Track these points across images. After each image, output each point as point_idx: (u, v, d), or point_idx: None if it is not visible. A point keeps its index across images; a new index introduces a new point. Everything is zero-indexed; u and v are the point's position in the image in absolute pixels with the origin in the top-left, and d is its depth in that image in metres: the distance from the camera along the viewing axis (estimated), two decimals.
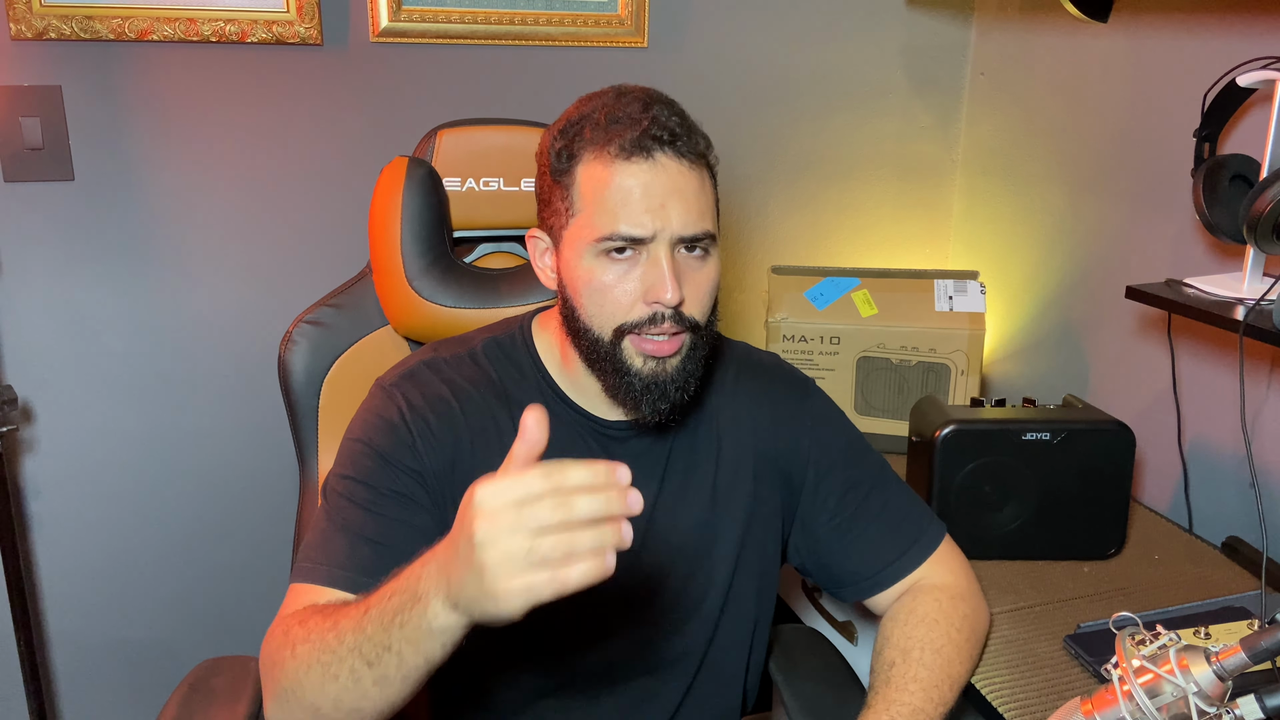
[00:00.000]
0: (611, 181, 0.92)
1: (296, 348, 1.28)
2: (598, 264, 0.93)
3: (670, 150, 0.92)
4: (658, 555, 1.04)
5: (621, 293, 0.93)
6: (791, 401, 1.12)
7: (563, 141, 0.95)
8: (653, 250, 0.92)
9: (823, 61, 1.84)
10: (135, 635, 1.72)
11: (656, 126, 0.91)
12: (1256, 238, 1.16)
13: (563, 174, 0.95)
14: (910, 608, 1.06)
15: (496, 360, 1.04)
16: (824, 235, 1.94)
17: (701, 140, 0.95)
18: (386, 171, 1.27)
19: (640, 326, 0.93)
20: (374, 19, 1.58)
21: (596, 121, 0.93)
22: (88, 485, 1.64)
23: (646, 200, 0.91)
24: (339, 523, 0.94)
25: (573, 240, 0.95)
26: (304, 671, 0.82)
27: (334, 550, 0.92)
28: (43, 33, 1.44)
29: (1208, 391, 1.44)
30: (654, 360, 0.95)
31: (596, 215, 0.92)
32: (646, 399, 0.96)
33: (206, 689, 1.05)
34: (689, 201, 0.92)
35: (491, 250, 1.40)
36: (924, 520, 1.12)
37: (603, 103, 0.95)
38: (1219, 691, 0.70)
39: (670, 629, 1.06)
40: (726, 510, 1.07)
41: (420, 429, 0.97)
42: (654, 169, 0.91)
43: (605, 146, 0.92)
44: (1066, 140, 1.69)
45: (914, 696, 0.97)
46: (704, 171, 0.95)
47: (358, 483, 0.96)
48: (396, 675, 0.77)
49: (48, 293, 1.55)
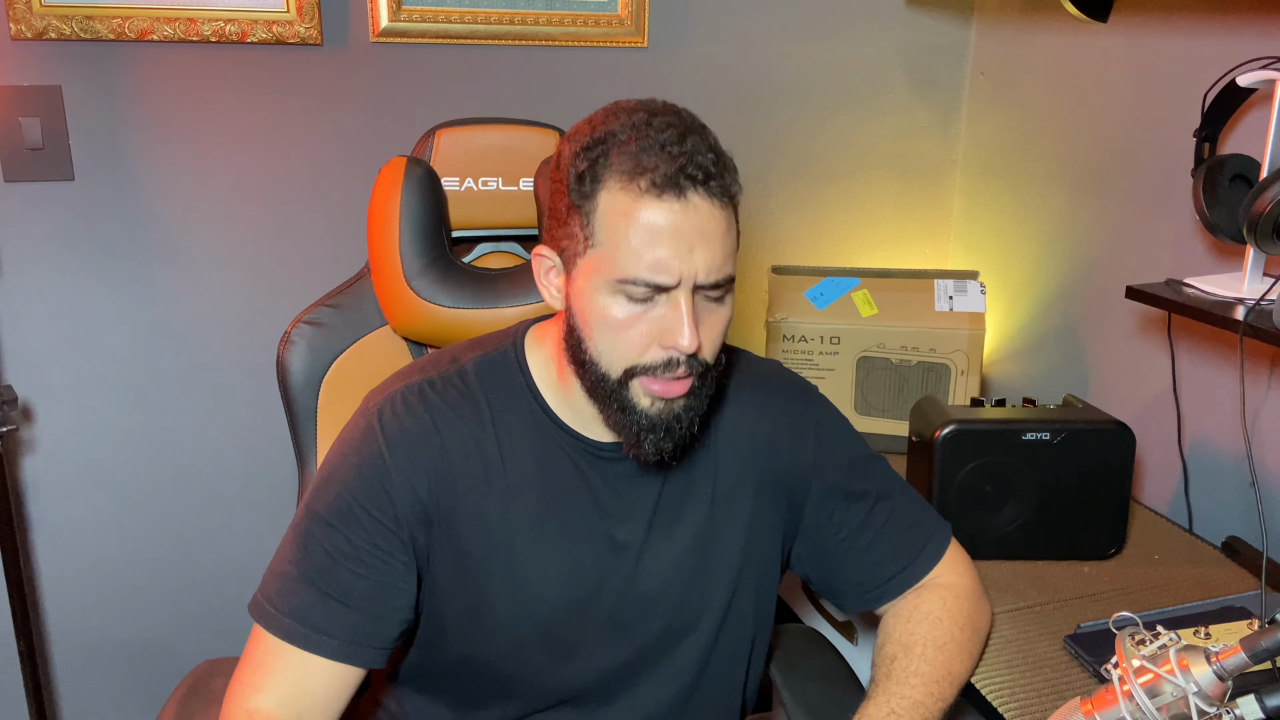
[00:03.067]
0: (639, 219, 0.85)
1: (295, 348, 1.28)
2: (614, 301, 0.88)
3: (703, 190, 0.86)
4: (653, 577, 1.01)
5: (637, 334, 0.88)
6: (794, 414, 1.08)
7: (586, 162, 0.88)
8: (674, 295, 0.87)
9: (823, 61, 1.84)
10: (135, 635, 1.72)
11: (693, 165, 0.85)
12: (1256, 238, 1.16)
13: (584, 198, 0.88)
14: (914, 604, 1.06)
15: (486, 380, 0.99)
16: (824, 235, 1.94)
17: (731, 176, 0.89)
18: (385, 171, 1.27)
19: (652, 370, 0.90)
20: (374, 19, 1.58)
21: (624, 146, 0.86)
22: (88, 485, 1.64)
23: (674, 244, 0.85)
24: (306, 569, 0.94)
25: (589, 271, 0.89)
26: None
27: (298, 603, 0.93)
28: (43, 33, 1.44)
29: (1208, 391, 1.44)
30: (662, 401, 0.91)
31: (620, 253, 0.86)
32: (650, 438, 0.92)
33: (205, 690, 1.05)
34: (715, 246, 0.87)
35: (490, 250, 1.40)
36: (929, 527, 1.11)
37: (632, 123, 0.88)
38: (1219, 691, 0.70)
39: (664, 651, 1.04)
40: (724, 529, 1.04)
41: (400, 465, 0.94)
42: (685, 210, 0.85)
43: (635, 179, 0.85)
44: (1066, 140, 1.69)
45: (914, 690, 0.97)
46: (732, 211, 0.90)
47: (331, 528, 0.94)
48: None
49: (48, 293, 1.55)
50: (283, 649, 0.92)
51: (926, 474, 1.27)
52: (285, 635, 0.92)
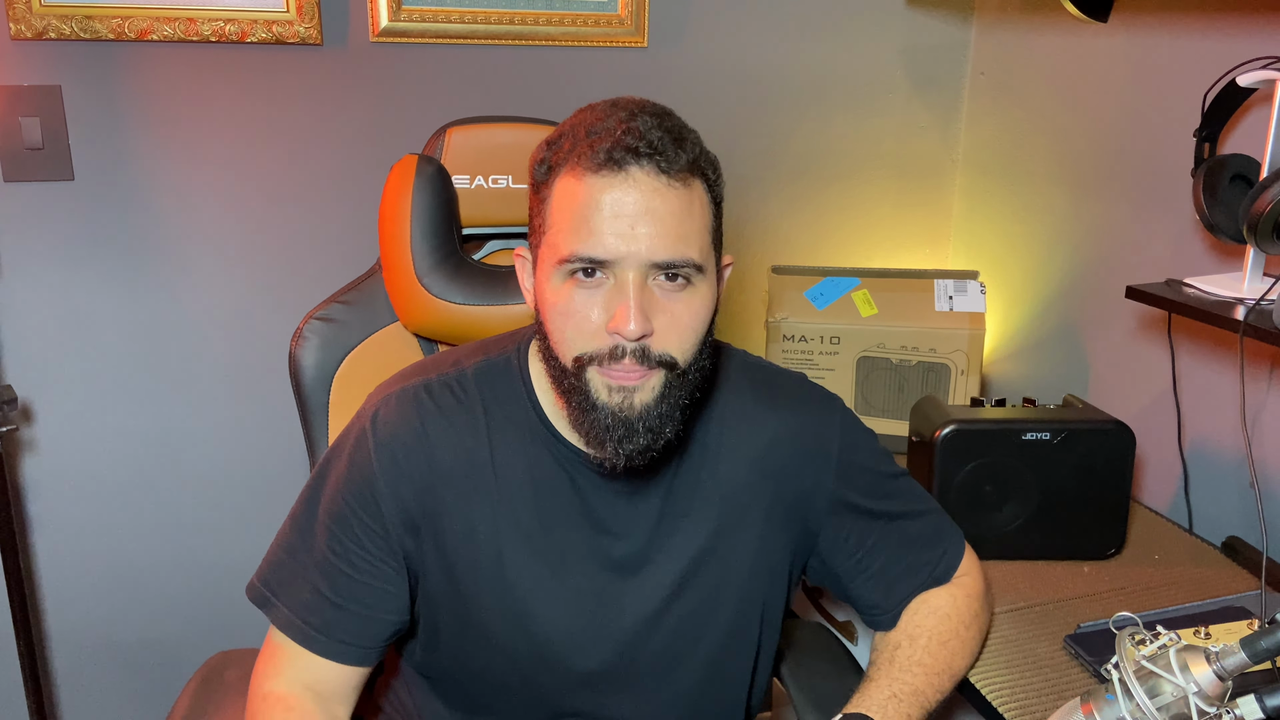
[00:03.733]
0: (579, 196, 0.84)
1: (307, 344, 1.28)
2: (564, 287, 0.86)
3: (647, 164, 0.82)
4: (652, 596, 0.98)
5: (583, 319, 0.85)
6: (815, 436, 1.03)
7: (545, 153, 0.89)
8: (619, 274, 0.84)
9: (823, 61, 1.83)
10: (135, 635, 1.72)
11: (633, 137, 0.82)
12: (1256, 238, 1.16)
13: (540, 187, 0.89)
14: (923, 598, 1.06)
15: (485, 388, 0.97)
16: (824, 235, 1.94)
17: (690, 155, 0.85)
18: (396, 169, 1.27)
19: (600, 358, 0.85)
20: (374, 19, 1.58)
21: (578, 134, 0.86)
22: (88, 485, 1.64)
23: (614, 220, 0.82)
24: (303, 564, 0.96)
25: (544, 260, 0.88)
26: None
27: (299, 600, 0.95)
28: (43, 33, 1.44)
29: (1208, 391, 1.44)
30: (619, 392, 0.85)
31: (562, 233, 0.85)
32: (610, 438, 0.86)
33: (219, 681, 1.06)
34: (665, 224, 0.83)
35: (500, 247, 1.40)
36: (945, 539, 1.09)
37: (592, 114, 0.87)
38: (1219, 691, 0.70)
39: (665, 671, 1.01)
40: (730, 550, 1.00)
41: (388, 473, 0.93)
42: (626, 183, 0.82)
43: (580, 160, 0.84)
44: (1066, 140, 1.69)
45: (916, 679, 0.98)
46: (691, 190, 0.85)
47: (325, 528, 0.95)
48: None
49: (48, 293, 1.55)
50: (284, 639, 0.96)
51: (926, 474, 1.27)
52: (282, 627, 0.96)
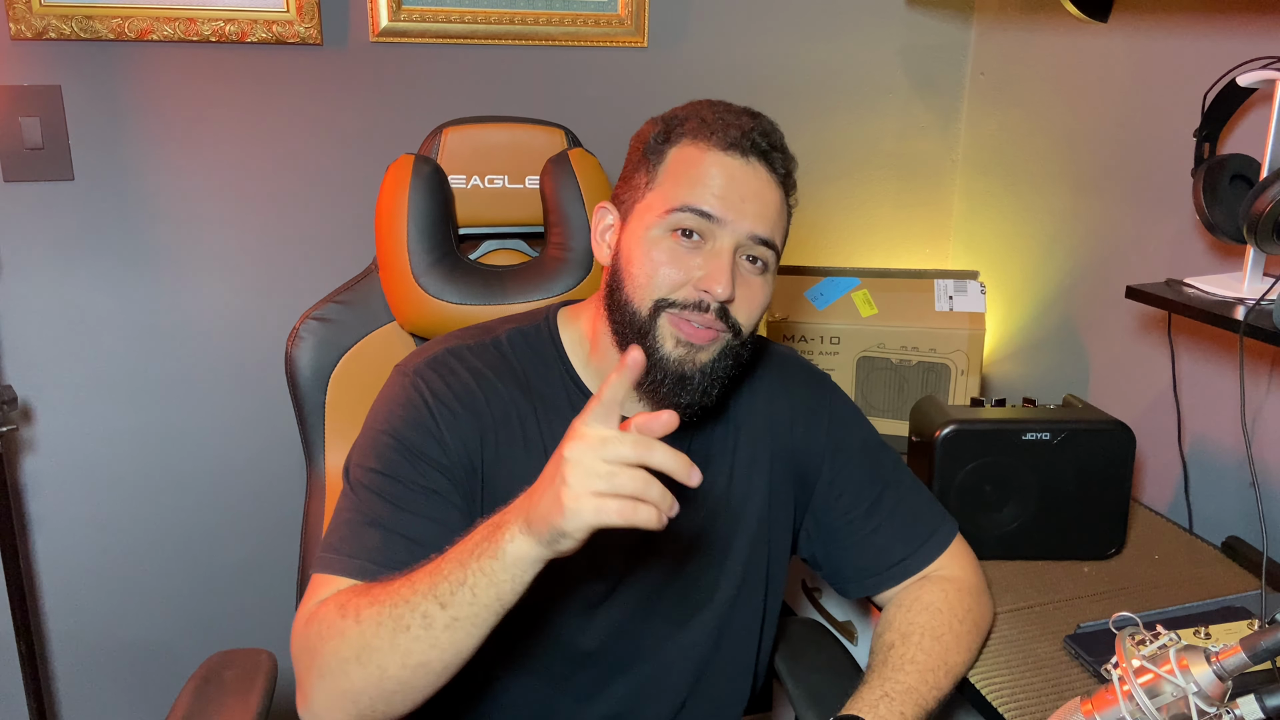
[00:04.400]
0: (702, 162, 0.95)
1: (303, 344, 1.28)
2: (661, 240, 0.95)
3: (765, 160, 0.96)
4: (671, 548, 1.04)
5: (675, 270, 0.95)
6: (809, 396, 1.13)
7: (664, 127, 0.99)
8: (719, 243, 0.95)
9: (823, 61, 1.83)
10: (135, 635, 1.72)
11: (759, 134, 0.96)
12: (1256, 238, 1.16)
13: (654, 152, 0.98)
14: (916, 595, 1.08)
15: (520, 351, 1.04)
16: (824, 235, 1.94)
17: (793, 165, 0.99)
18: (393, 169, 1.27)
19: (683, 307, 0.95)
20: (374, 19, 1.58)
21: (703, 117, 0.97)
22: (88, 485, 1.64)
23: (729, 189, 0.94)
24: (369, 517, 0.93)
25: (643, 213, 0.97)
26: (371, 631, 0.83)
27: (367, 544, 0.91)
28: (43, 33, 1.44)
29: (1208, 391, 1.44)
30: (685, 346, 0.95)
31: (679, 186, 0.95)
32: (667, 388, 0.96)
33: (218, 681, 1.06)
34: (767, 207, 0.96)
35: (497, 247, 1.40)
36: (936, 519, 1.13)
37: (712, 105, 1.00)
38: (1219, 691, 0.70)
39: (682, 620, 1.06)
40: (741, 505, 1.07)
41: (445, 418, 0.97)
42: (745, 167, 0.95)
43: (706, 137, 0.96)
44: (1066, 140, 1.69)
45: (909, 677, 0.99)
46: (784, 196, 0.99)
47: (386, 477, 0.94)
48: (468, 615, 0.80)
49: (48, 293, 1.55)
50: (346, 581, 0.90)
51: (926, 474, 1.27)
52: (356, 574, 0.90)
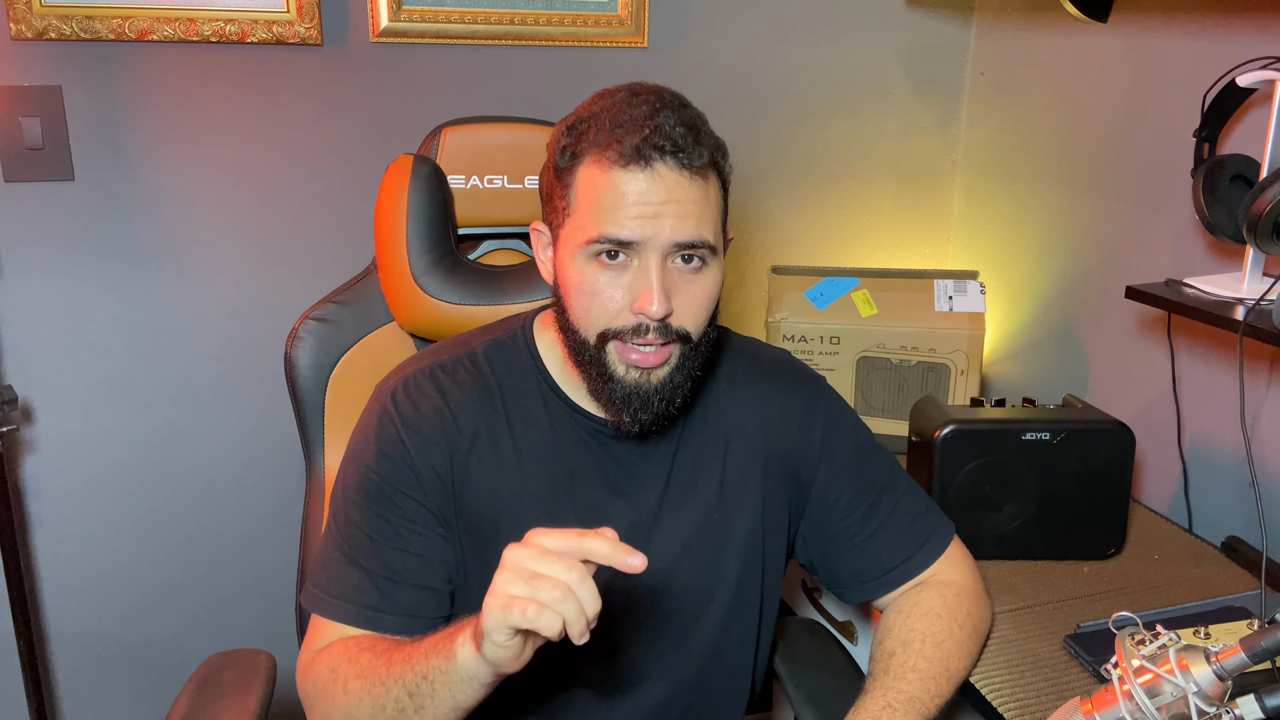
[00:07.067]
0: (607, 185, 0.90)
1: (303, 344, 1.28)
2: (588, 267, 0.92)
3: (671, 160, 0.90)
4: (664, 558, 1.03)
5: (608, 299, 0.92)
6: (803, 399, 1.11)
7: (568, 139, 0.94)
8: (643, 258, 0.91)
9: (823, 61, 1.83)
10: (135, 635, 1.72)
11: (659, 135, 0.89)
12: (1256, 238, 1.16)
13: (564, 172, 0.94)
14: (914, 601, 1.07)
15: (496, 363, 1.03)
16: (824, 235, 1.94)
17: (709, 151, 0.92)
18: (392, 169, 1.27)
19: (624, 334, 0.93)
20: (374, 19, 1.58)
21: (602, 124, 0.92)
22: (88, 485, 1.64)
23: (640, 208, 0.90)
24: (350, 555, 0.98)
25: (566, 240, 0.94)
26: (355, 704, 0.89)
27: (350, 583, 0.96)
28: (43, 33, 1.44)
29: (1208, 391, 1.44)
30: (637, 370, 0.94)
31: (589, 217, 0.91)
32: (627, 408, 0.95)
33: (217, 682, 1.06)
34: (686, 210, 0.90)
35: (496, 247, 1.40)
36: (933, 521, 1.12)
37: (613, 103, 0.93)
38: (1219, 691, 0.70)
39: (678, 628, 1.06)
40: (735, 508, 1.06)
41: (416, 443, 0.98)
42: (651, 178, 0.89)
43: (605, 150, 0.90)
44: (1066, 140, 1.69)
45: (911, 685, 0.98)
46: (708, 182, 0.93)
47: (365, 510, 0.98)
48: (431, 707, 0.84)
49: (48, 293, 1.55)
50: (344, 631, 0.96)
51: (926, 474, 1.27)
52: (343, 618, 0.96)
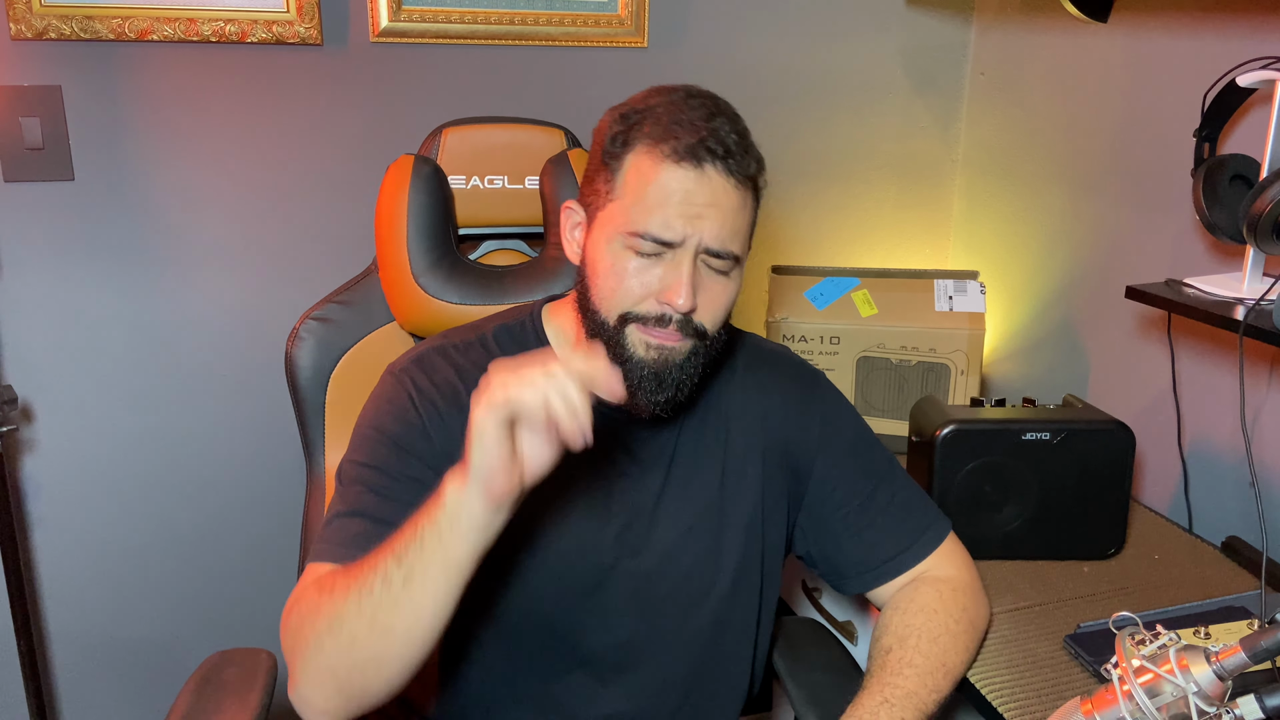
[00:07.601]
0: (656, 179, 0.93)
1: (303, 344, 1.29)
2: (623, 253, 0.95)
3: (721, 165, 0.93)
4: (666, 540, 1.05)
5: (637, 284, 0.95)
6: (801, 392, 1.14)
7: (621, 127, 0.97)
8: (678, 254, 0.94)
9: (823, 61, 1.83)
10: (135, 635, 1.72)
11: (714, 139, 0.93)
12: (1256, 238, 1.16)
13: (612, 157, 0.97)
14: (911, 597, 1.08)
15: (506, 346, 1.05)
16: (824, 235, 1.94)
17: (754, 163, 0.97)
18: (393, 169, 1.27)
19: (646, 320, 0.95)
20: (374, 19, 1.58)
21: (658, 118, 0.95)
22: (88, 485, 1.64)
23: (685, 206, 0.93)
24: (355, 508, 0.97)
25: (605, 223, 0.97)
26: (341, 599, 0.86)
27: (351, 533, 0.95)
28: (43, 33, 1.44)
29: (1208, 391, 1.44)
30: (656, 349, 0.96)
31: (634, 207, 0.94)
32: (644, 389, 0.97)
33: (218, 681, 1.06)
34: (725, 217, 0.94)
35: (496, 247, 1.40)
36: (930, 515, 1.14)
37: (670, 100, 0.97)
38: (1219, 691, 0.70)
39: (678, 612, 1.07)
40: (734, 496, 1.08)
41: (429, 413, 1.00)
42: (700, 178, 0.93)
43: (660, 144, 0.94)
44: (1066, 140, 1.69)
45: (908, 681, 0.99)
46: (748, 193, 0.97)
47: (372, 469, 0.98)
48: (419, 570, 0.83)
49: (48, 293, 1.55)
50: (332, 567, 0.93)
51: (926, 474, 1.27)
52: (341, 559, 0.93)
